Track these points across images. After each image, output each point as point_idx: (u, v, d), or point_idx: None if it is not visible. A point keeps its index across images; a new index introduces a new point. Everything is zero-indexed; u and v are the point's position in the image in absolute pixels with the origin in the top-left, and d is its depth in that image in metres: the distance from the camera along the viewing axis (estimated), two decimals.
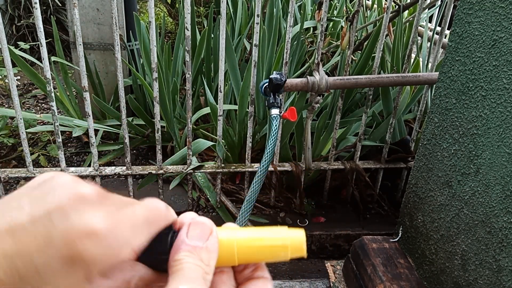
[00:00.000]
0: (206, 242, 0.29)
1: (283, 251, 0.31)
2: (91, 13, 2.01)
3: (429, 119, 1.16)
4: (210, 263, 0.29)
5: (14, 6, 3.14)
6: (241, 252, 0.30)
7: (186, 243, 0.29)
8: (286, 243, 0.31)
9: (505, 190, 0.89)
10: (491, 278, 0.94)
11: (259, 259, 0.31)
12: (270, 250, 0.31)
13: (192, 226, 0.30)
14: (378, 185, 1.75)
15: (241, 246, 0.30)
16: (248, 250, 0.31)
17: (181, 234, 0.29)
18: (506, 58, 0.88)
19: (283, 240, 0.31)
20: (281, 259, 0.31)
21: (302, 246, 0.31)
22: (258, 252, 0.31)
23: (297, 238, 0.31)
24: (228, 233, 0.31)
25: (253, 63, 1.44)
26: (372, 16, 2.27)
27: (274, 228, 0.32)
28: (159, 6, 3.70)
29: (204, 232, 0.29)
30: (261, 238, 0.31)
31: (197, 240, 0.29)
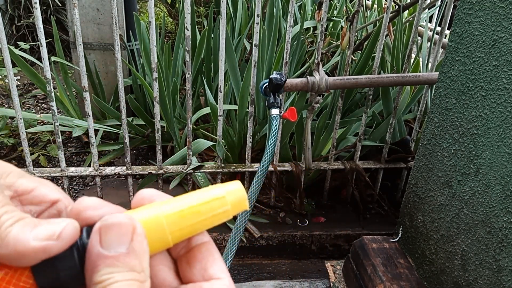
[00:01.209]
0: (130, 244, 0.22)
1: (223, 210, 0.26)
2: (91, 13, 2.01)
3: (429, 119, 1.16)
4: (144, 266, 0.23)
5: (14, 6, 3.14)
6: (174, 229, 0.25)
7: (103, 255, 0.22)
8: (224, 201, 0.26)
9: (505, 190, 0.89)
10: (491, 278, 0.94)
11: (198, 229, 0.26)
12: (208, 213, 0.26)
13: (104, 231, 0.22)
14: (378, 185, 1.75)
15: (172, 222, 0.25)
16: (182, 224, 0.25)
17: (92, 244, 0.22)
18: (506, 58, 0.88)
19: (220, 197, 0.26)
20: (222, 220, 0.26)
21: (243, 198, 0.26)
22: (194, 221, 0.25)
23: (235, 191, 0.26)
24: (149, 211, 0.25)
25: (253, 63, 1.44)
26: (372, 16, 2.27)
27: (205, 188, 0.27)
28: (159, 6, 3.70)
29: (124, 233, 0.22)
30: (193, 203, 0.25)
31: (117, 247, 0.22)
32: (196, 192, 0.26)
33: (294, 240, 1.63)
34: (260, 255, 1.64)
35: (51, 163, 2.02)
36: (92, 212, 0.24)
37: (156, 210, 0.25)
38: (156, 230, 0.24)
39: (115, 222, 0.22)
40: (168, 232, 0.24)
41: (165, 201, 0.26)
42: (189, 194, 0.26)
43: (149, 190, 0.27)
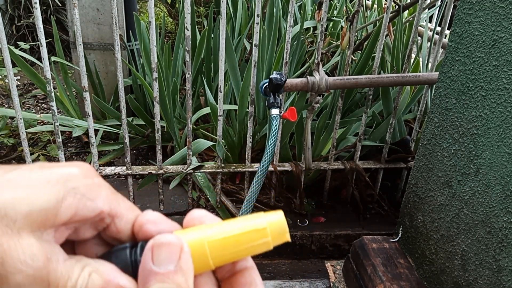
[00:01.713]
0: (178, 263, 0.24)
1: (263, 241, 0.27)
2: (91, 13, 2.01)
3: (429, 119, 1.16)
4: (189, 283, 0.25)
5: (14, 6, 3.13)
6: (216, 254, 0.26)
7: (154, 271, 0.24)
8: (265, 232, 0.27)
9: (505, 190, 0.89)
10: (491, 278, 0.94)
11: (238, 257, 0.27)
12: (249, 243, 0.26)
13: (156, 249, 0.25)
14: (378, 185, 1.75)
15: (214, 246, 0.26)
16: (223, 250, 0.26)
17: (145, 260, 0.25)
18: (506, 58, 0.88)
19: (261, 229, 0.27)
20: (263, 250, 0.27)
21: (284, 230, 0.27)
22: (235, 249, 0.26)
23: (277, 222, 0.27)
24: (195, 234, 0.26)
25: (253, 63, 1.44)
26: (372, 16, 2.27)
27: (248, 217, 0.27)
28: (159, 6, 3.70)
29: (173, 252, 0.25)
30: (235, 232, 0.26)
31: (167, 264, 0.24)
32: (240, 220, 0.27)
33: (294, 240, 1.63)
34: (260, 255, 1.63)
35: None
36: (151, 227, 0.27)
37: (200, 234, 0.26)
38: (198, 253, 0.26)
39: (165, 242, 0.25)
40: (209, 256, 0.26)
41: (210, 225, 0.27)
42: (234, 221, 0.27)
43: (200, 211, 0.28)
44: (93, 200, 0.25)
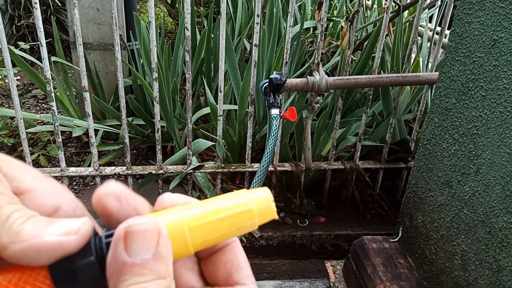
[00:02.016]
0: (157, 249, 0.21)
1: (249, 223, 0.24)
2: (91, 13, 2.01)
3: (429, 119, 1.16)
4: (169, 270, 0.22)
5: (14, 6, 3.14)
6: (196, 238, 0.23)
7: (129, 263, 0.20)
8: (252, 214, 0.24)
9: (505, 190, 0.89)
10: (491, 278, 0.94)
11: (221, 239, 0.24)
12: (232, 223, 0.23)
13: (130, 238, 0.21)
14: (378, 185, 1.75)
15: (195, 230, 0.23)
16: (205, 234, 0.23)
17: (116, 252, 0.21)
18: (506, 58, 0.88)
19: (247, 210, 0.24)
20: (247, 230, 0.24)
21: (271, 207, 0.24)
22: (218, 233, 0.23)
23: (264, 199, 0.24)
24: (172, 216, 0.23)
25: (253, 63, 1.44)
26: (372, 16, 2.27)
27: (231, 195, 0.24)
28: (159, 6, 3.70)
29: (150, 239, 0.21)
30: (219, 215, 0.23)
31: (143, 253, 0.21)
32: (223, 199, 0.24)
33: (294, 240, 1.63)
34: (260, 255, 1.64)
35: (51, 163, 2.02)
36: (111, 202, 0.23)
37: (178, 216, 0.23)
38: (177, 237, 0.23)
39: (140, 229, 0.21)
40: (189, 241, 0.23)
41: (189, 205, 0.24)
42: (216, 200, 0.24)
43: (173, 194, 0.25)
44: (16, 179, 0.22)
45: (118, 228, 0.21)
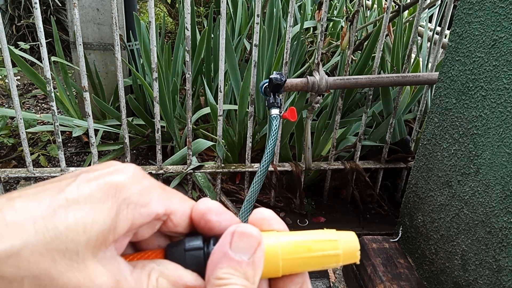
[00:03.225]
0: (252, 256, 0.25)
1: (334, 253, 0.27)
2: (91, 13, 2.01)
3: (429, 119, 1.16)
4: (255, 281, 0.25)
5: (14, 6, 3.14)
6: (286, 262, 0.26)
7: (229, 256, 0.25)
8: (336, 244, 0.27)
9: (505, 190, 0.89)
10: (491, 278, 0.94)
11: (305, 269, 0.27)
12: (320, 259, 0.26)
13: (237, 236, 0.25)
14: (378, 185, 1.75)
15: (287, 255, 0.26)
16: (294, 260, 0.26)
17: (222, 242, 0.25)
18: (506, 58, 0.88)
19: (332, 240, 0.27)
20: (332, 265, 0.27)
21: (355, 249, 0.27)
22: (305, 262, 0.26)
23: (349, 240, 0.27)
24: (270, 239, 0.26)
25: (253, 63, 1.44)
26: (372, 16, 2.27)
27: (321, 232, 0.27)
28: (159, 6, 3.70)
29: (251, 244, 0.25)
30: (309, 245, 0.26)
31: (242, 254, 0.25)
32: (310, 231, 0.27)
33: None
34: None
35: (51, 163, 2.02)
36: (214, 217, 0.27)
37: (275, 241, 0.26)
38: (271, 260, 0.26)
39: (247, 232, 0.25)
40: (280, 261, 0.26)
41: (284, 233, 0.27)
42: (303, 231, 0.27)
43: (267, 211, 0.28)
44: (146, 206, 0.25)
45: (230, 228, 0.26)
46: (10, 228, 0.21)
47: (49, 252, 0.21)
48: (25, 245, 0.21)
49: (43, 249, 0.21)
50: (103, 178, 0.24)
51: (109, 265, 0.24)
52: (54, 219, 0.22)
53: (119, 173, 0.25)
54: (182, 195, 0.28)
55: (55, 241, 0.22)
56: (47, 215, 0.22)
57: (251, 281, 0.25)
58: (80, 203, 0.23)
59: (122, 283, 0.24)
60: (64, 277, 0.22)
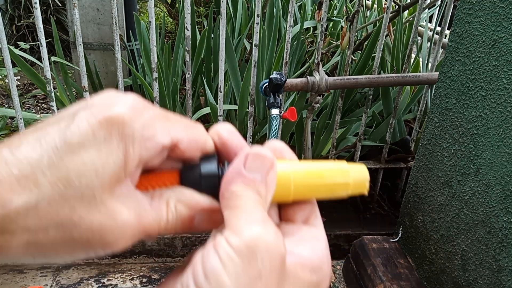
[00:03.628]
0: (266, 176, 0.25)
1: (344, 182, 0.28)
2: (91, 13, 2.01)
3: (429, 119, 1.16)
4: (267, 200, 0.26)
5: (14, 6, 3.14)
6: (298, 188, 0.27)
7: (243, 174, 0.25)
8: (347, 174, 0.28)
9: (505, 190, 0.89)
10: (491, 278, 0.94)
11: (316, 196, 0.28)
12: (330, 186, 0.28)
13: (251, 157, 0.26)
14: (378, 185, 1.75)
15: (298, 181, 0.27)
16: (305, 186, 0.27)
17: (237, 163, 0.26)
18: (506, 58, 0.88)
19: (344, 175, 0.28)
20: (339, 196, 0.28)
21: (365, 180, 0.28)
22: (315, 188, 0.28)
23: (360, 174, 0.28)
24: (283, 165, 0.27)
25: (253, 63, 1.44)
26: (372, 16, 2.27)
27: (332, 162, 0.28)
28: (159, 6, 3.71)
29: (264, 166, 0.26)
30: (320, 173, 0.27)
31: (256, 173, 0.25)
32: (322, 161, 0.28)
33: None
34: None
35: None
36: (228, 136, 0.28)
37: (287, 167, 0.27)
38: (282, 184, 0.27)
39: (262, 154, 0.26)
40: (292, 186, 0.27)
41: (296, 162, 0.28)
42: (317, 163, 0.28)
43: (280, 143, 0.29)
44: (151, 139, 0.25)
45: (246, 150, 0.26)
46: (22, 182, 0.21)
47: (66, 201, 0.22)
48: (41, 198, 0.21)
49: (59, 199, 0.22)
50: (103, 114, 0.23)
51: (127, 201, 0.24)
52: (63, 167, 0.22)
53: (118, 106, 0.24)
54: (187, 121, 0.28)
55: (69, 190, 0.22)
56: (54, 164, 0.22)
57: (264, 199, 0.25)
58: (85, 146, 0.22)
59: (143, 216, 0.24)
60: (86, 221, 0.22)
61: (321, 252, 0.27)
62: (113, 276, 1.48)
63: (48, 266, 1.51)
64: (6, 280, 1.43)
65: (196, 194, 0.27)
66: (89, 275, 1.48)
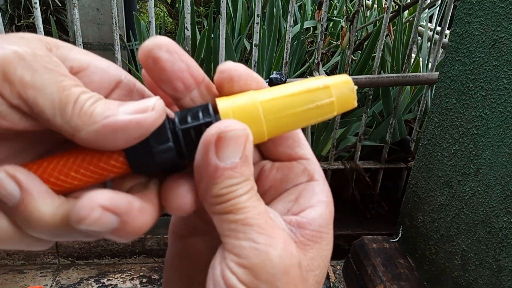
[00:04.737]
0: (243, 153, 0.21)
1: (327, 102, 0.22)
2: (91, 13, 2.01)
3: (429, 119, 1.16)
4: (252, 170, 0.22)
5: (14, 6, 3.14)
6: (271, 119, 0.22)
7: (221, 167, 0.20)
8: (329, 91, 0.22)
9: (505, 190, 0.89)
10: (491, 278, 0.94)
11: (296, 124, 0.22)
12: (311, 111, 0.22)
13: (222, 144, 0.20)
14: (378, 185, 1.75)
15: (270, 114, 0.22)
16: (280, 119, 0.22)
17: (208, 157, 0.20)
18: (506, 58, 0.88)
19: (326, 93, 0.22)
20: (326, 116, 0.22)
21: (351, 91, 0.22)
22: (294, 119, 0.22)
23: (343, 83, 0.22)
24: (246, 97, 0.22)
25: (253, 63, 1.44)
26: (372, 16, 2.27)
27: (308, 80, 0.22)
28: (159, 6, 3.71)
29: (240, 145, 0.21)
30: (296, 98, 0.22)
31: (233, 157, 0.21)
32: (296, 82, 0.23)
33: None
34: None
35: None
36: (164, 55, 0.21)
37: (251, 97, 0.22)
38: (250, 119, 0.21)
39: (234, 136, 0.21)
40: (263, 123, 0.22)
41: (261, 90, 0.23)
42: (288, 84, 0.22)
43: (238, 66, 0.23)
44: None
45: (208, 133, 0.21)
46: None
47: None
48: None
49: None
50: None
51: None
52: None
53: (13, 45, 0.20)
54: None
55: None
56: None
57: (250, 175, 0.21)
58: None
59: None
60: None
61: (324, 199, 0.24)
62: (113, 276, 1.48)
63: (48, 266, 1.51)
64: (6, 280, 1.43)
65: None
66: (89, 275, 1.48)
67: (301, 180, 0.24)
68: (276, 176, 0.25)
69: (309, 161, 0.25)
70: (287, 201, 0.24)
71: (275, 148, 0.25)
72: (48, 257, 1.52)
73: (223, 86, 0.23)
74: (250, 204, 0.21)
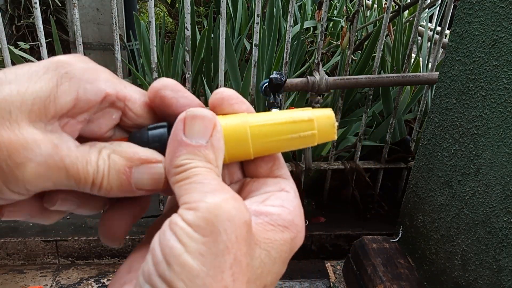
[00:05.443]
0: (210, 139, 0.23)
1: (309, 133, 0.25)
2: (91, 13, 2.01)
3: (429, 119, 1.15)
4: (219, 164, 0.23)
5: (14, 6, 3.14)
6: (257, 142, 0.25)
7: (185, 142, 0.22)
8: (312, 124, 0.25)
9: (505, 190, 0.89)
10: (491, 278, 0.94)
11: (280, 149, 0.25)
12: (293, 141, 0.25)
13: (189, 121, 0.23)
14: (378, 185, 1.75)
15: (257, 134, 0.24)
16: (266, 139, 0.25)
17: (175, 131, 0.23)
18: (506, 58, 0.88)
19: (307, 120, 0.25)
20: (307, 144, 0.25)
21: (332, 126, 0.25)
22: (278, 144, 0.25)
23: (325, 117, 0.25)
24: (237, 119, 0.25)
25: (253, 63, 1.44)
26: (372, 16, 2.27)
27: (294, 111, 0.26)
28: (159, 6, 3.70)
29: (206, 127, 0.23)
30: (281, 127, 0.25)
31: (199, 138, 0.23)
32: (284, 111, 0.26)
33: None
34: None
35: None
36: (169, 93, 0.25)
37: (241, 119, 0.25)
38: (239, 137, 0.24)
39: (199, 115, 0.23)
40: (250, 143, 0.24)
41: (251, 114, 0.26)
42: (276, 112, 0.26)
43: (229, 90, 0.26)
44: (93, 83, 0.23)
45: (181, 113, 0.23)
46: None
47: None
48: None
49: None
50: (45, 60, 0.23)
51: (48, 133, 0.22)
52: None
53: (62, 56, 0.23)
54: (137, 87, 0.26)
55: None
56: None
57: (214, 164, 0.23)
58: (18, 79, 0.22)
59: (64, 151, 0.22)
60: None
61: (290, 204, 0.25)
62: (113, 276, 1.48)
63: (48, 266, 1.51)
64: (6, 280, 1.43)
65: (135, 147, 0.24)
66: (89, 275, 1.48)
67: (272, 190, 0.26)
68: (252, 187, 0.27)
69: (285, 180, 0.27)
70: (254, 201, 0.25)
71: (256, 170, 0.27)
72: (48, 257, 1.52)
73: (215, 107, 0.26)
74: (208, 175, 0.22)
